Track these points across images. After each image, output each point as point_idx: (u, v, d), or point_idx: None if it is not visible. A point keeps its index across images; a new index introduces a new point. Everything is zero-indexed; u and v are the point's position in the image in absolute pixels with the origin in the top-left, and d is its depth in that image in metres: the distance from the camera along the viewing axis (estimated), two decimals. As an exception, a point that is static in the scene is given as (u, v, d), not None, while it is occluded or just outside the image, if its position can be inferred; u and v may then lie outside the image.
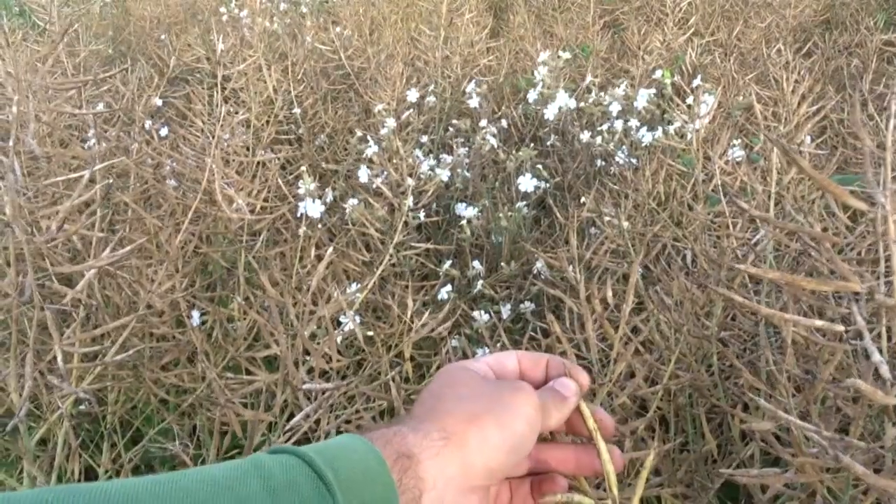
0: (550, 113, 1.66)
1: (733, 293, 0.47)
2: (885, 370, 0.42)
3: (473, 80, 1.80)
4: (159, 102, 1.67)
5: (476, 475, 0.43)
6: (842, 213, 0.98)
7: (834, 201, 0.95)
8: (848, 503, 0.59)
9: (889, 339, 0.54)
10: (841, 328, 0.42)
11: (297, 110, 1.83)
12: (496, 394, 0.46)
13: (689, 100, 1.46)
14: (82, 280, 0.78)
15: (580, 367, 0.50)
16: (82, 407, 1.11)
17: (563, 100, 1.67)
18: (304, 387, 0.78)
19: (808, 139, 1.31)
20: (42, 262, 0.86)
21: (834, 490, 0.62)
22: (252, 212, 1.17)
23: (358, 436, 0.42)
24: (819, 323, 0.42)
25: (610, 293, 0.77)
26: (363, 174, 1.38)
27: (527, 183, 1.45)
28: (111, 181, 1.14)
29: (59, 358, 0.70)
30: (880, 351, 0.49)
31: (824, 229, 1.04)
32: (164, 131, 1.59)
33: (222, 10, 2.78)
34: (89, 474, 1.15)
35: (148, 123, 1.52)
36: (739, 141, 1.44)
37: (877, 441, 0.61)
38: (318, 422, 0.87)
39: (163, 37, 2.55)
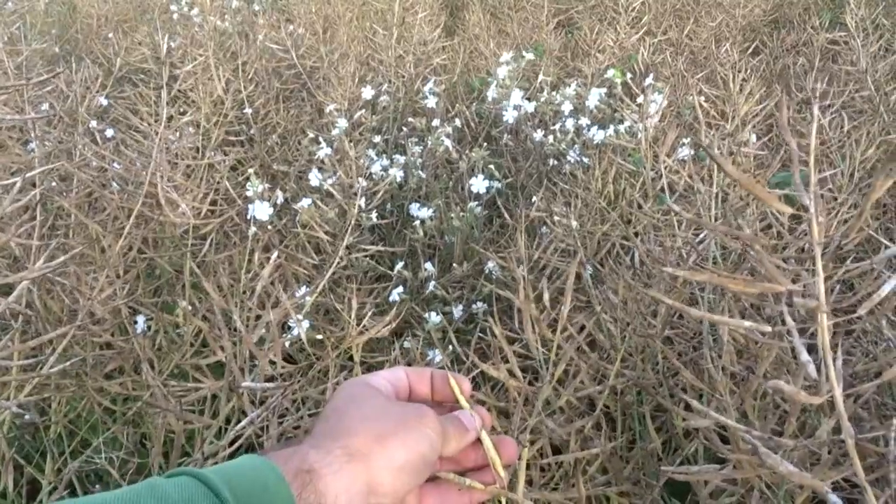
0: (510, 115, 1.67)
1: (665, 296, 0.48)
2: (811, 370, 0.43)
3: (432, 80, 1.79)
4: (105, 102, 1.63)
5: (381, 493, 0.44)
6: (783, 212, 1.00)
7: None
8: (783, 497, 0.60)
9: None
10: (768, 328, 0.43)
11: (248, 110, 1.81)
12: (402, 416, 0.47)
13: (640, 99, 1.48)
14: (16, 290, 0.76)
15: (460, 375, 0.52)
16: (27, 417, 1.08)
17: (517, 98, 1.67)
18: (244, 385, 0.77)
19: (753, 138, 1.33)
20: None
21: (771, 485, 0.63)
22: (198, 215, 1.15)
23: (256, 455, 0.43)
24: (746, 324, 0.43)
25: (546, 293, 0.77)
26: (314, 177, 1.37)
27: (479, 184, 1.45)
28: (49, 185, 1.11)
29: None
30: (810, 349, 0.50)
31: (768, 227, 1.06)
32: (109, 133, 1.56)
33: (173, 7, 2.73)
34: (34, 486, 1.12)
35: (93, 124, 1.49)
36: (689, 139, 1.45)
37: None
38: (264, 428, 0.86)
39: (110, 35, 2.49)
